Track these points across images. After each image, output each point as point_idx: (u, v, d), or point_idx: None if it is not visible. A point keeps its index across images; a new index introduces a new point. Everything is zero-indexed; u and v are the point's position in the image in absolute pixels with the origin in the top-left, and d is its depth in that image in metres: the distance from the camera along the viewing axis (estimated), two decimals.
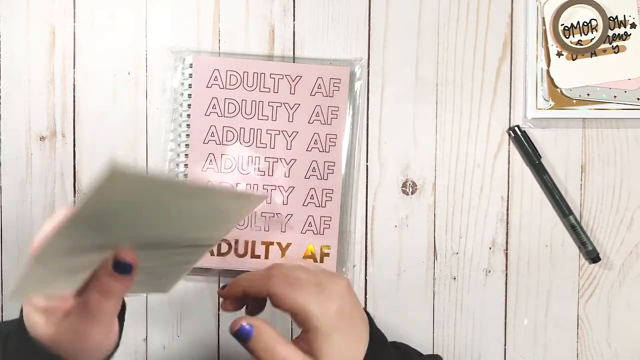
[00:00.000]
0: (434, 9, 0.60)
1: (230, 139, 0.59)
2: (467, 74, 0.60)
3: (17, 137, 0.59)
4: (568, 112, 0.60)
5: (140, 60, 0.60)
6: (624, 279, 0.61)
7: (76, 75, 0.60)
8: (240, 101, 0.59)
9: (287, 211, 0.59)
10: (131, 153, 0.60)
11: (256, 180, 0.59)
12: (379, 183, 0.60)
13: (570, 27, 0.60)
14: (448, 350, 0.60)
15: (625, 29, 0.60)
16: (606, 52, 0.60)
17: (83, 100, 0.60)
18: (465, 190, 0.60)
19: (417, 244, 0.60)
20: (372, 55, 0.60)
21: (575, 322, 0.61)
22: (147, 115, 0.60)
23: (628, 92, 0.60)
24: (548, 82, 0.60)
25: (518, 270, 0.61)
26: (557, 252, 0.61)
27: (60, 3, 0.59)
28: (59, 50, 0.59)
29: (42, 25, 0.59)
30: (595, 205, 0.61)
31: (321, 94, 0.59)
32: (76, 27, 0.60)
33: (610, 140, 0.61)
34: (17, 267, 0.60)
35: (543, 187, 0.60)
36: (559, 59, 0.60)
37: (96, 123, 0.60)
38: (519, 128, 0.60)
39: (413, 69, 0.60)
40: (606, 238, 0.61)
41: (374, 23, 0.60)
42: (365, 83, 0.60)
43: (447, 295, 0.60)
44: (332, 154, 0.60)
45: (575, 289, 0.61)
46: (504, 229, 0.60)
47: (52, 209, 0.60)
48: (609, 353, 0.61)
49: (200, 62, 0.59)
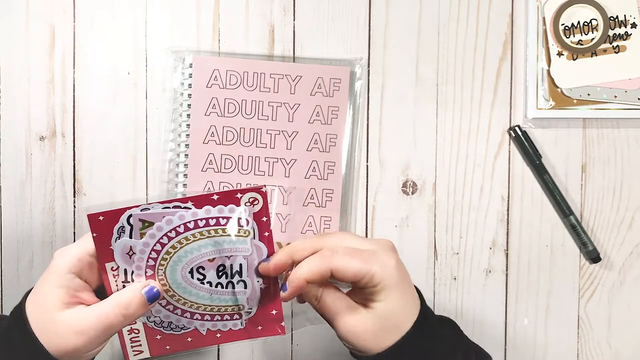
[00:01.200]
0: (434, 9, 0.60)
1: (230, 139, 0.59)
2: (467, 74, 0.60)
3: (16, 137, 0.59)
4: (568, 112, 0.60)
5: (140, 60, 0.60)
6: (624, 279, 0.61)
7: (76, 75, 0.60)
8: (240, 101, 0.59)
9: (287, 211, 0.59)
10: (131, 153, 0.60)
11: (256, 180, 0.59)
12: (379, 183, 0.60)
13: (570, 27, 0.59)
14: None
15: (626, 28, 0.60)
16: (607, 52, 0.60)
17: (83, 100, 0.60)
18: (465, 190, 0.60)
19: (417, 244, 0.60)
20: (372, 55, 0.60)
21: (575, 322, 0.61)
22: (147, 115, 0.60)
23: (628, 92, 0.60)
24: (548, 82, 0.60)
25: (518, 270, 0.61)
26: (558, 252, 0.61)
27: (60, 3, 0.59)
28: (58, 50, 0.59)
29: (41, 25, 0.59)
30: (596, 205, 0.61)
31: (321, 94, 0.59)
32: (76, 27, 0.60)
33: (610, 140, 0.60)
34: (17, 267, 0.60)
35: (543, 187, 0.60)
36: (560, 58, 0.60)
37: (96, 123, 0.60)
38: (519, 128, 0.60)
39: (413, 69, 0.60)
40: (606, 238, 0.61)
41: (374, 23, 0.60)
42: (366, 83, 0.60)
43: (448, 295, 0.60)
44: (332, 154, 0.60)
45: (576, 289, 0.61)
46: (504, 229, 0.60)
47: (52, 209, 0.59)
48: (609, 353, 0.61)
49: (200, 62, 0.59)
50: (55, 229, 0.60)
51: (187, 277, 0.45)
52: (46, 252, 0.60)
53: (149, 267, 0.44)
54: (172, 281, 0.45)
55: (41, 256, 0.60)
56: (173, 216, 0.43)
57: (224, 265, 0.45)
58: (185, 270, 0.45)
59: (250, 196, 0.44)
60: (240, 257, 0.45)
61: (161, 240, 0.44)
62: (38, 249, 0.60)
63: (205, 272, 0.45)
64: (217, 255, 0.45)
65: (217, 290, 0.46)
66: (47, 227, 0.60)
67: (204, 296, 0.46)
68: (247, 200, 0.44)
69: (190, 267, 0.45)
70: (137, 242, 0.43)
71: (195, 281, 0.45)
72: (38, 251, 0.60)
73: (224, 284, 0.46)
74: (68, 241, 0.59)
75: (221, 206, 0.44)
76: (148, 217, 0.43)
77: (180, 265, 0.45)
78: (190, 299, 0.46)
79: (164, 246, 0.44)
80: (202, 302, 0.46)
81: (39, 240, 0.60)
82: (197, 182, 0.59)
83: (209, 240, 0.44)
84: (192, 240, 0.44)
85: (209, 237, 0.44)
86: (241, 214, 0.44)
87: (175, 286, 0.45)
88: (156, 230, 0.43)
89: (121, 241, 0.43)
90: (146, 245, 0.44)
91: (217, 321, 0.47)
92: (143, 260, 0.44)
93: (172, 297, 0.45)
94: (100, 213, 0.42)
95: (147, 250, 0.44)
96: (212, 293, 0.46)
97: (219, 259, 0.45)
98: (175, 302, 0.46)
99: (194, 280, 0.45)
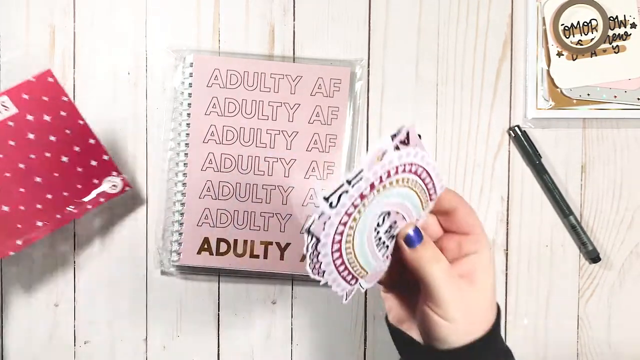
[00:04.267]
0: (434, 9, 0.60)
1: (230, 139, 0.59)
2: (467, 74, 0.60)
3: None
4: (568, 112, 0.60)
5: (140, 60, 0.60)
6: (624, 279, 0.61)
7: (76, 75, 0.60)
8: (241, 101, 0.59)
9: (286, 211, 0.59)
10: (131, 153, 0.60)
11: (256, 180, 0.59)
12: None
13: (570, 27, 0.60)
14: None
15: (626, 28, 0.60)
16: (606, 52, 0.60)
17: (83, 100, 0.60)
18: (465, 191, 0.60)
19: None
20: (372, 55, 0.60)
21: (575, 322, 0.61)
22: (147, 115, 0.60)
23: (628, 92, 0.60)
24: (548, 82, 0.60)
25: (518, 270, 0.61)
26: (557, 252, 0.61)
27: (60, 3, 0.59)
28: (59, 50, 0.59)
29: (42, 25, 0.59)
30: (596, 205, 0.61)
31: (321, 94, 0.59)
32: (76, 27, 0.60)
33: (610, 140, 0.61)
34: (17, 267, 0.60)
35: (543, 187, 0.60)
36: (559, 59, 0.60)
37: (96, 123, 0.59)
38: (519, 128, 0.60)
39: (413, 69, 0.60)
40: (606, 238, 0.61)
41: (374, 23, 0.60)
42: (366, 83, 0.60)
43: None
44: (332, 154, 0.60)
45: (576, 289, 0.61)
46: (504, 229, 0.60)
47: None
48: (608, 353, 0.61)
49: (201, 62, 0.59)
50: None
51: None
52: (46, 252, 0.60)
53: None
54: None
55: (41, 256, 0.60)
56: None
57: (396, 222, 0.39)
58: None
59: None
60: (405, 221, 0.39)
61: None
62: (38, 249, 0.60)
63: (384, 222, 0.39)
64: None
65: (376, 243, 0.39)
66: None
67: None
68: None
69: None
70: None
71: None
72: (38, 251, 0.60)
73: (384, 239, 0.39)
74: (68, 241, 0.60)
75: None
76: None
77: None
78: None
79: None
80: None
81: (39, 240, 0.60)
82: (197, 181, 0.59)
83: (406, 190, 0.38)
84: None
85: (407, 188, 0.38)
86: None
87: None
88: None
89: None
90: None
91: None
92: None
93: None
94: None
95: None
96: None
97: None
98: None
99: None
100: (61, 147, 0.55)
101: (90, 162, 0.56)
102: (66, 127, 0.55)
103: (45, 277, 0.60)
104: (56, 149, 0.55)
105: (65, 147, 0.55)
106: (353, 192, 0.35)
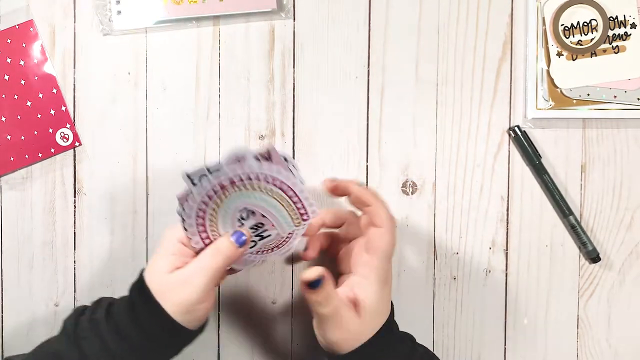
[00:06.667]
0: (434, 9, 0.60)
1: None
2: (467, 74, 0.60)
3: None
4: (568, 112, 0.60)
5: (141, 60, 0.60)
6: (624, 279, 0.61)
7: (76, 75, 0.60)
8: None
9: None
10: (131, 153, 0.60)
11: None
12: (378, 183, 0.60)
13: (570, 27, 0.60)
14: (448, 350, 0.61)
15: (625, 29, 0.60)
16: (606, 52, 0.60)
17: (83, 100, 0.60)
18: (465, 190, 0.60)
19: (417, 244, 0.60)
20: (372, 55, 0.60)
21: (575, 322, 0.61)
22: (147, 115, 0.60)
23: (628, 92, 0.60)
24: (548, 82, 0.60)
25: (518, 270, 0.61)
26: (557, 252, 0.61)
27: (60, 3, 0.59)
28: (59, 50, 0.59)
29: (42, 25, 0.59)
30: (595, 205, 0.61)
31: None
32: (76, 27, 0.60)
33: (610, 140, 0.61)
34: (17, 267, 0.60)
35: (543, 187, 0.60)
36: (559, 59, 0.60)
37: (96, 123, 0.60)
38: (519, 128, 0.60)
39: (413, 69, 0.60)
40: (606, 238, 0.61)
41: (374, 23, 0.60)
42: (366, 83, 0.60)
43: (447, 295, 0.60)
44: None
45: (575, 288, 0.61)
46: (504, 229, 0.61)
47: (52, 209, 0.60)
48: (609, 353, 0.61)
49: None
50: (55, 229, 0.60)
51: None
52: (46, 252, 0.60)
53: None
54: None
55: (41, 256, 0.60)
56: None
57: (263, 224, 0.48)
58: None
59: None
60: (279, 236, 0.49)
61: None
62: (38, 249, 0.60)
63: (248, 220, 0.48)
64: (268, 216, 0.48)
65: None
66: (47, 227, 0.60)
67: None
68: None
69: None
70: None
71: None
72: (38, 251, 0.60)
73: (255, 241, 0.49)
74: (68, 241, 0.60)
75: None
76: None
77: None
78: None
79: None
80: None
81: (39, 240, 0.60)
82: None
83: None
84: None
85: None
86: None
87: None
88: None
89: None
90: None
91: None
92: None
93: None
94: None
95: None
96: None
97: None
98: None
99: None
100: (28, 91, 0.58)
101: (50, 110, 0.58)
102: (36, 74, 0.58)
103: (45, 277, 0.60)
104: (24, 93, 0.58)
105: (31, 92, 0.58)
106: (212, 179, 0.43)
